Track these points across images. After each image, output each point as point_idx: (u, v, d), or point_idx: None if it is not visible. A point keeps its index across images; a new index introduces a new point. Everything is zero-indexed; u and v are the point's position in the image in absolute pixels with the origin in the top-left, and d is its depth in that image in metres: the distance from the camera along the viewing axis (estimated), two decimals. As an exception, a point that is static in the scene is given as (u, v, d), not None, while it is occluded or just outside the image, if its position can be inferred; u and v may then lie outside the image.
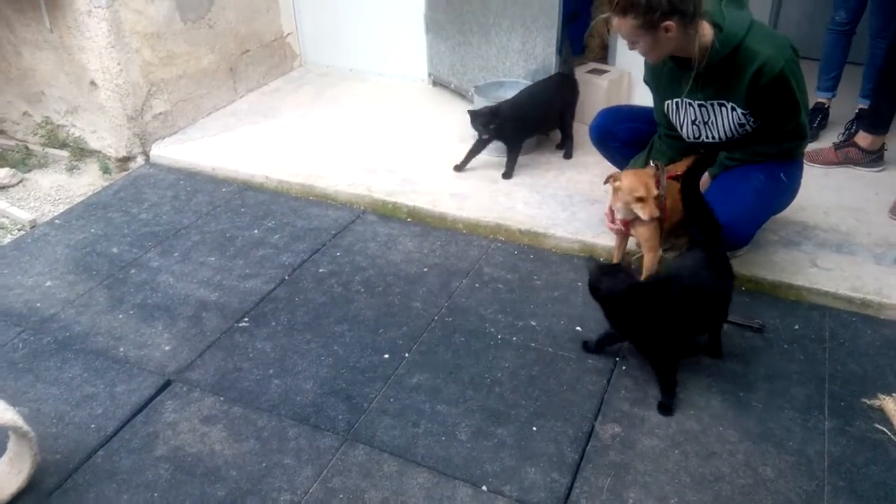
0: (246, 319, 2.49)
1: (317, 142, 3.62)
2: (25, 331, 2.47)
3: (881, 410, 2.08)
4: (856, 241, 2.74)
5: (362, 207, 3.15)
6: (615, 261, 2.63)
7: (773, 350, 2.32)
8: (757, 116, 2.32)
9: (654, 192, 2.28)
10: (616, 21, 2.18)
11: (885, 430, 2.02)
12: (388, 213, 3.10)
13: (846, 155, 3.22)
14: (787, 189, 2.50)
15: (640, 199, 2.29)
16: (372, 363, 2.29)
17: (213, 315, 2.52)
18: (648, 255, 2.44)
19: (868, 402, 2.11)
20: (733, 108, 2.30)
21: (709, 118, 2.37)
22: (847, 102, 3.55)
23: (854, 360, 2.28)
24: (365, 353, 2.33)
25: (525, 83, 3.52)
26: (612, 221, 2.47)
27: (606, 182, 2.42)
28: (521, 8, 3.43)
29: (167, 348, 2.38)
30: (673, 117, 2.47)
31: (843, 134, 3.38)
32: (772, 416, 2.08)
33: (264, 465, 1.95)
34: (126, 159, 3.60)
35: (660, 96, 2.48)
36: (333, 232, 2.99)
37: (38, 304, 2.60)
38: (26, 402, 2.18)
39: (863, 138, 3.20)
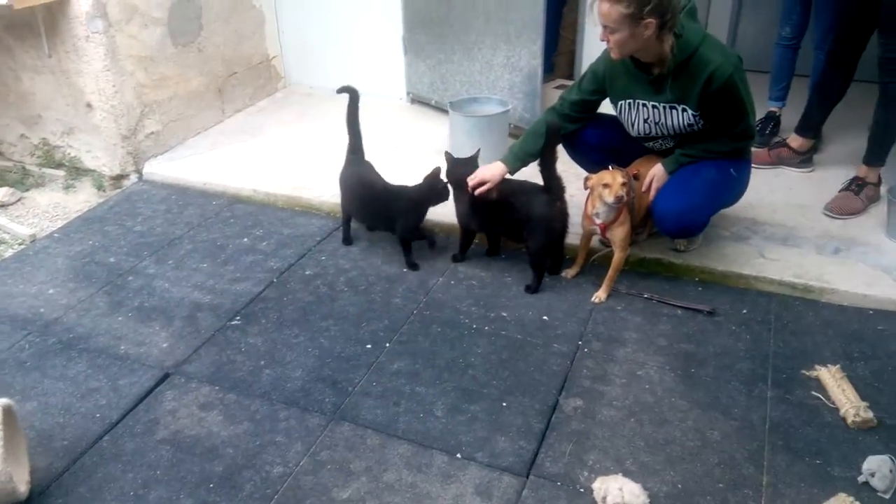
0: (238, 318, 2.69)
1: (301, 157, 3.83)
2: (31, 333, 2.65)
3: (817, 379, 2.30)
4: (801, 235, 2.98)
5: (345, 216, 3.36)
6: (580, 259, 2.85)
7: (721, 331, 2.54)
8: (706, 119, 2.56)
9: (620, 179, 2.51)
10: (606, 6, 2.35)
11: (819, 396, 2.24)
12: (369, 220, 3.31)
13: (778, 155, 3.49)
14: (736, 183, 2.74)
15: (606, 186, 2.52)
16: (355, 353, 2.48)
17: (207, 315, 2.71)
18: (620, 255, 2.67)
19: (806, 373, 2.33)
20: (684, 111, 2.55)
21: (660, 119, 2.61)
22: (798, 111, 3.81)
23: (796, 338, 2.50)
24: (349, 344, 2.53)
25: (497, 98, 3.76)
26: (592, 224, 2.69)
27: (585, 186, 2.66)
28: (504, 25, 3.68)
29: (164, 345, 2.56)
30: (624, 115, 2.70)
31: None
32: (720, 388, 2.29)
33: (258, 443, 2.13)
34: (120, 177, 3.80)
35: (614, 95, 2.70)
36: (318, 238, 3.19)
37: (42, 310, 2.78)
38: (34, 397, 2.35)
39: (794, 140, 3.47)
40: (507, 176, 2.77)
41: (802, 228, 3.02)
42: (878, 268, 2.74)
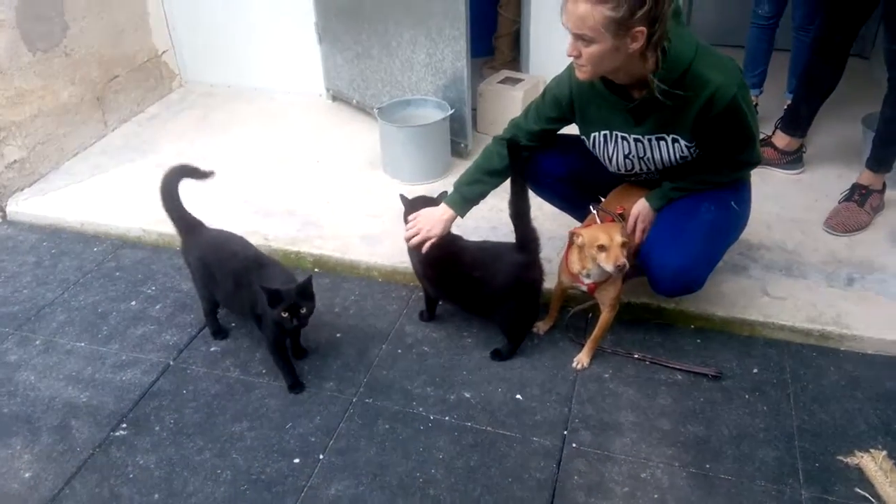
0: (123, 425, 2.07)
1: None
2: None
3: (859, 469, 1.86)
4: (804, 261, 2.53)
5: (261, 258, 2.74)
6: (553, 311, 2.34)
7: (733, 403, 2.07)
8: (704, 148, 2.03)
9: (619, 239, 1.98)
10: (584, 7, 1.72)
11: (866, 494, 1.80)
12: (290, 265, 2.69)
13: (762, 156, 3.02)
14: (739, 218, 2.23)
15: (601, 248, 1.98)
16: (279, 472, 1.91)
17: (84, 423, 2.08)
18: (609, 315, 2.16)
19: (844, 459, 1.89)
20: (675, 141, 2.01)
21: (645, 153, 2.07)
22: (775, 97, 3.36)
23: (821, 406, 2.06)
24: (270, 458, 1.96)
25: (434, 100, 3.17)
26: (576, 281, 2.15)
27: (571, 241, 2.11)
28: (424, 17, 3.05)
29: (27, 476, 1.94)
30: (599, 149, 2.15)
31: (772, 132, 3.17)
32: (743, 491, 1.83)
33: None
34: (-21, 218, 3.09)
35: (585, 126, 2.16)
36: (228, 294, 2.58)
37: None
38: None
39: (780, 138, 3.01)
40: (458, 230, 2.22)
41: (805, 251, 2.58)
42: (901, 302, 2.32)
